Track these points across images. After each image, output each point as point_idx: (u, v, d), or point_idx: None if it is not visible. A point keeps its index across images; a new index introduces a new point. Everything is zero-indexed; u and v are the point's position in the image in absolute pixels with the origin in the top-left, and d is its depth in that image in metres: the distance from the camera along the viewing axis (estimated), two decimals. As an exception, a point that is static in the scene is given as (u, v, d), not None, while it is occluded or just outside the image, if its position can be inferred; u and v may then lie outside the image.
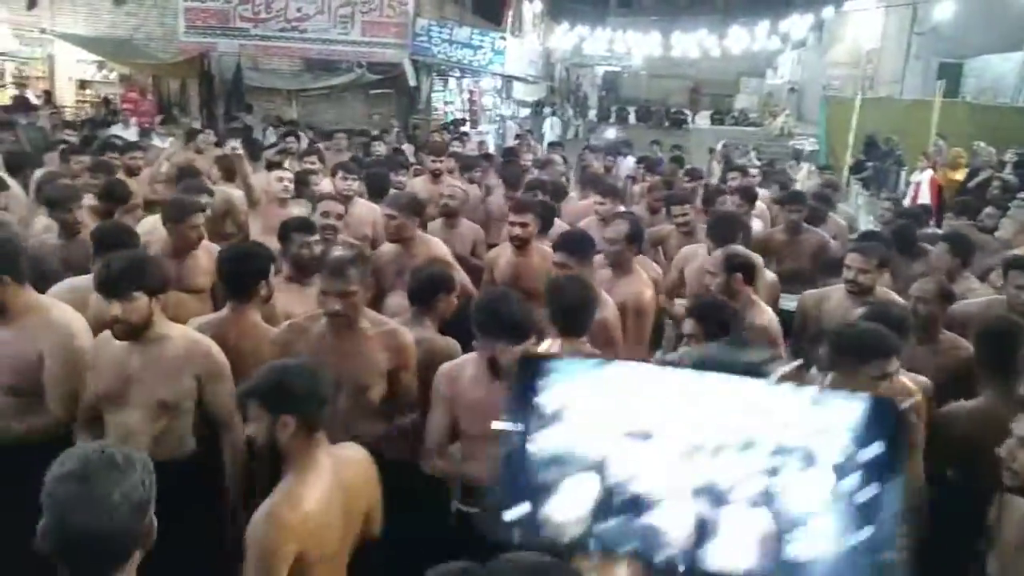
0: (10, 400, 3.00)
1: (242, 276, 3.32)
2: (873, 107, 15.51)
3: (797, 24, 25.02)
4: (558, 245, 4.08)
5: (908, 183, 11.95)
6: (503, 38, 18.46)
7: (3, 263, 2.94)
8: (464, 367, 2.98)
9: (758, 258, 4.85)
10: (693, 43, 28.32)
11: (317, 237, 3.97)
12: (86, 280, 3.40)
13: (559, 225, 5.40)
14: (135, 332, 2.85)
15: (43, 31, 17.25)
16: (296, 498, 2.17)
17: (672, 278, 5.05)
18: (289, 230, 3.95)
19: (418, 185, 7.15)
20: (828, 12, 24.02)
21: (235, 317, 3.31)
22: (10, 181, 5.79)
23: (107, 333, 2.94)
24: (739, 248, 4.27)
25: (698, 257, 4.87)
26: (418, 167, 8.30)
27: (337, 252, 3.17)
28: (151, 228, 4.49)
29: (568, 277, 3.47)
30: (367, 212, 5.63)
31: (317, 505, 2.19)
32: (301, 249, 3.87)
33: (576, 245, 4.01)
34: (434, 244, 4.81)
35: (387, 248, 4.71)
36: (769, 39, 28.21)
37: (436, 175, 7.20)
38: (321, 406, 2.29)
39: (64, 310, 3.12)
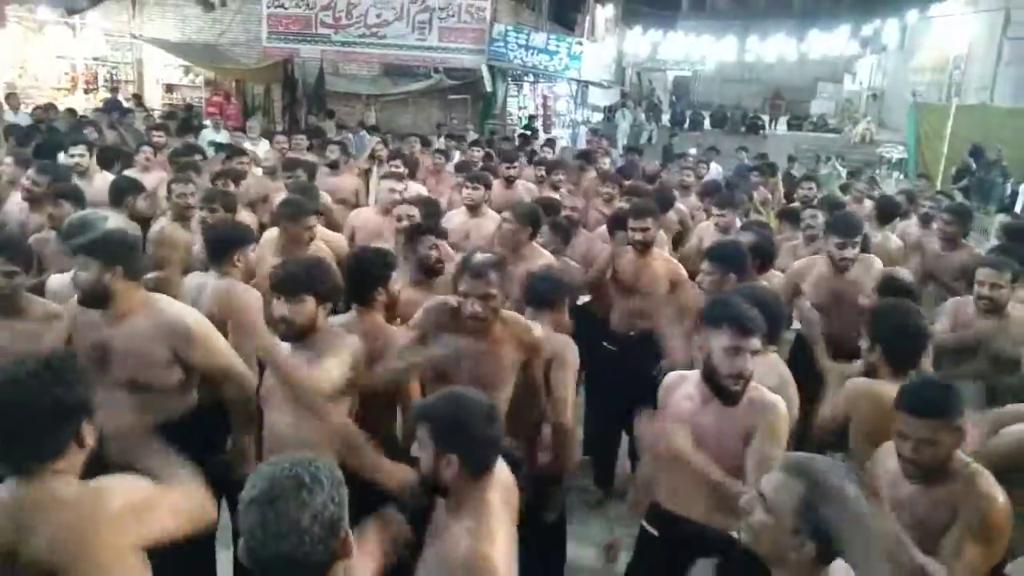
0: (128, 395, 2.97)
1: (361, 282, 3.34)
2: (967, 114, 14.93)
3: (879, 28, 24.38)
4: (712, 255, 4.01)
5: (1016, 194, 11.47)
6: (579, 43, 18.35)
7: (115, 253, 2.90)
8: (685, 381, 2.89)
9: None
10: (769, 47, 27.86)
11: (444, 241, 3.97)
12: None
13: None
14: (301, 333, 2.89)
15: (134, 36, 17.80)
16: (491, 536, 2.07)
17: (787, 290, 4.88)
18: (417, 233, 4.00)
19: (495, 191, 7.12)
20: (912, 16, 23.33)
21: (360, 319, 3.34)
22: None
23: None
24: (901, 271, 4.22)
25: (816, 266, 4.72)
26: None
27: (479, 256, 3.15)
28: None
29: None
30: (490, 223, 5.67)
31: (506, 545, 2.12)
32: (430, 250, 3.94)
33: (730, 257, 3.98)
34: (540, 252, 4.80)
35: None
36: (848, 44, 27.61)
37: (509, 181, 7.19)
38: (491, 449, 2.16)
39: (173, 303, 3.13)
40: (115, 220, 3.73)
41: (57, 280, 3.69)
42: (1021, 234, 5.79)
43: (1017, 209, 10.67)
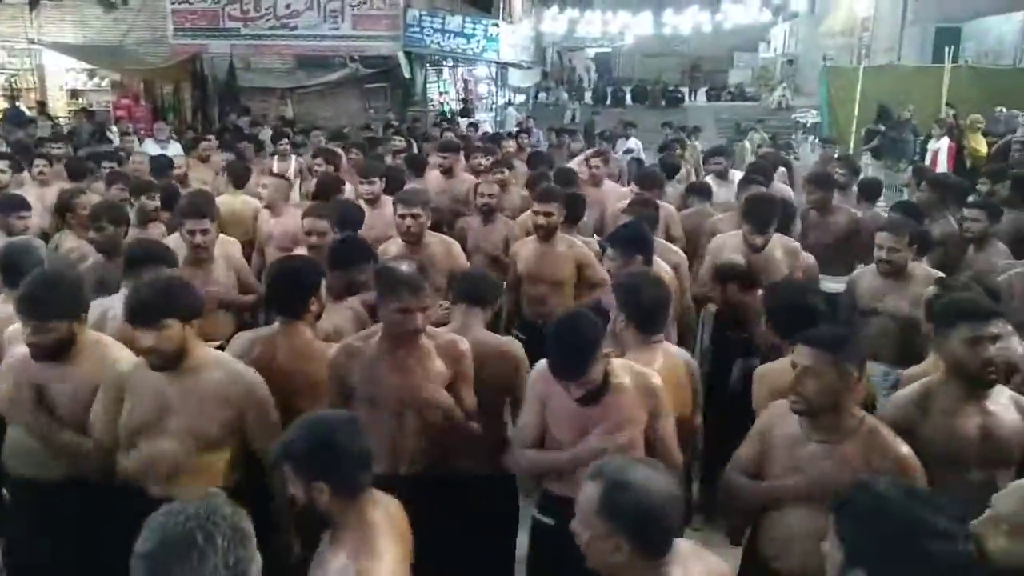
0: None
1: (292, 291, 3.14)
2: (875, 76, 15.32)
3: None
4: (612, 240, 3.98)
5: (925, 151, 11.79)
6: (496, 25, 18.23)
7: (79, 303, 2.87)
8: None
9: (794, 243, 4.74)
10: (685, 19, 28.12)
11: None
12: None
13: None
14: (170, 362, 2.72)
15: (31, 41, 17.03)
16: (374, 553, 2.00)
17: (706, 267, 4.90)
18: (354, 261, 3.77)
19: (432, 181, 7.02)
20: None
21: (284, 334, 3.13)
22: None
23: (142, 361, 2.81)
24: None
25: (728, 246, 4.73)
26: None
27: (404, 267, 2.98)
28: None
29: (642, 273, 3.40)
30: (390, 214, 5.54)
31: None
32: (361, 276, 3.71)
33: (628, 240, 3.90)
34: (451, 244, 4.73)
35: (396, 247, 4.54)
36: (761, 12, 28.05)
37: (446, 171, 7.06)
38: (359, 468, 2.08)
39: (114, 347, 3.00)
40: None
41: None
42: (934, 180, 5.93)
43: (926, 163, 10.98)
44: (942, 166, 10.52)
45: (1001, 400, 2.71)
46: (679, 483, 1.89)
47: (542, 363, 2.80)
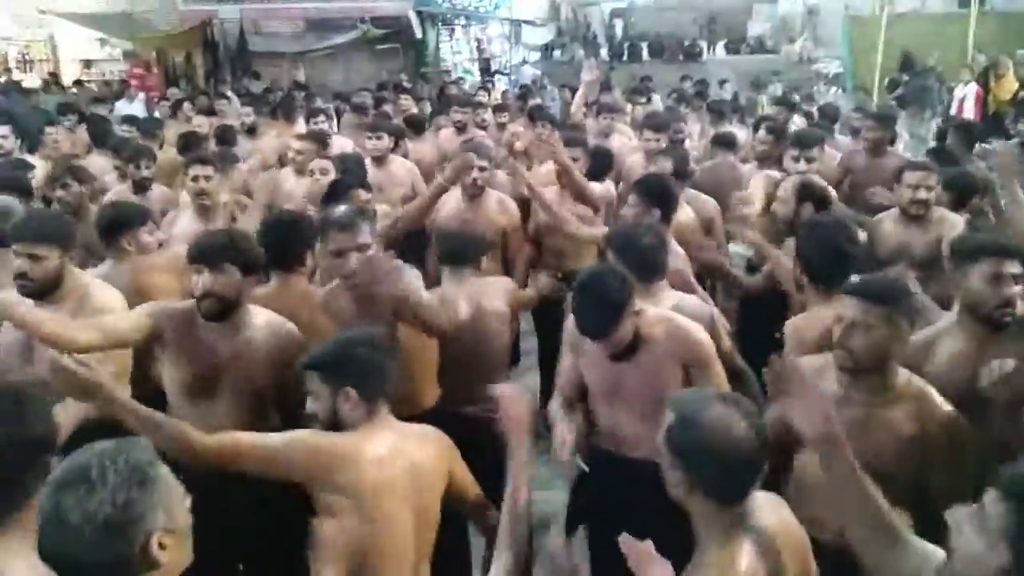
0: None
1: (287, 243, 3.15)
2: (900, 24, 14.86)
3: (810, -57, 24.07)
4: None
5: (951, 100, 11.48)
6: (508, -19, 17.93)
7: (70, 234, 2.98)
8: None
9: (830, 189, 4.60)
10: (702, -28, 27.42)
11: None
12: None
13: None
14: (225, 310, 2.70)
15: (42, 12, 16.92)
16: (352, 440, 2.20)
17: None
18: (337, 192, 3.86)
19: (444, 138, 6.97)
20: (842, -73, 23.08)
21: (282, 288, 3.15)
22: None
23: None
24: (813, 178, 4.05)
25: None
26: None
27: (340, 208, 2.98)
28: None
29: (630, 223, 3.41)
30: (404, 171, 5.47)
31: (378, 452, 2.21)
32: None
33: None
34: (507, 201, 4.71)
35: (455, 200, 4.55)
36: (781, -39, 27.26)
37: (460, 128, 6.99)
38: (384, 378, 2.26)
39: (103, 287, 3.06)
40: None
41: None
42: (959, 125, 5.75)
43: (952, 112, 10.70)
44: (968, 113, 10.25)
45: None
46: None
47: None
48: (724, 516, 1.73)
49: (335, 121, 8.16)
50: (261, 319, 2.81)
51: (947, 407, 2.32)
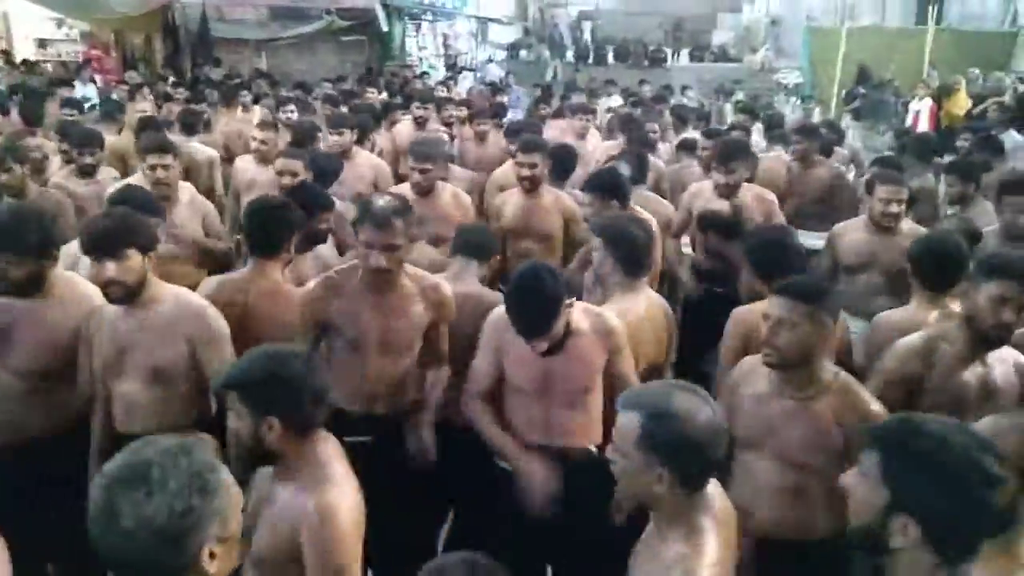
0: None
1: (270, 228, 3.09)
2: (859, 37, 15.17)
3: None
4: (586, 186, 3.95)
5: (906, 113, 11.76)
6: (476, -22, 17.92)
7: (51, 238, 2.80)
8: None
9: (769, 193, 4.69)
10: (669, -22, 27.70)
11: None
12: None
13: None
14: (130, 294, 2.65)
15: (-5, -13, 16.47)
16: (332, 483, 1.93)
17: (681, 217, 4.84)
18: (315, 207, 3.62)
19: (403, 132, 6.94)
20: (806, -59, 23.47)
21: (256, 275, 3.09)
22: None
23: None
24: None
25: (704, 193, 4.68)
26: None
27: (380, 202, 2.87)
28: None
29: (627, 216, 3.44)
30: (367, 166, 5.42)
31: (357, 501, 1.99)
32: (321, 225, 3.63)
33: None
34: (461, 196, 4.62)
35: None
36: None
37: (420, 123, 6.97)
38: (315, 405, 1.99)
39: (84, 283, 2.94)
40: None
41: None
42: (916, 137, 5.87)
43: (907, 125, 10.96)
44: (923, 126, 10.51)
45: (1002, 355, 2.70)
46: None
47: (499, 311, 2.75)
48: (692, 502, 1.76)
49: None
50: (169, 294, 2.78)
51: (872, 403, 2.41)
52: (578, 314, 2.71)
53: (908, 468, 1.51)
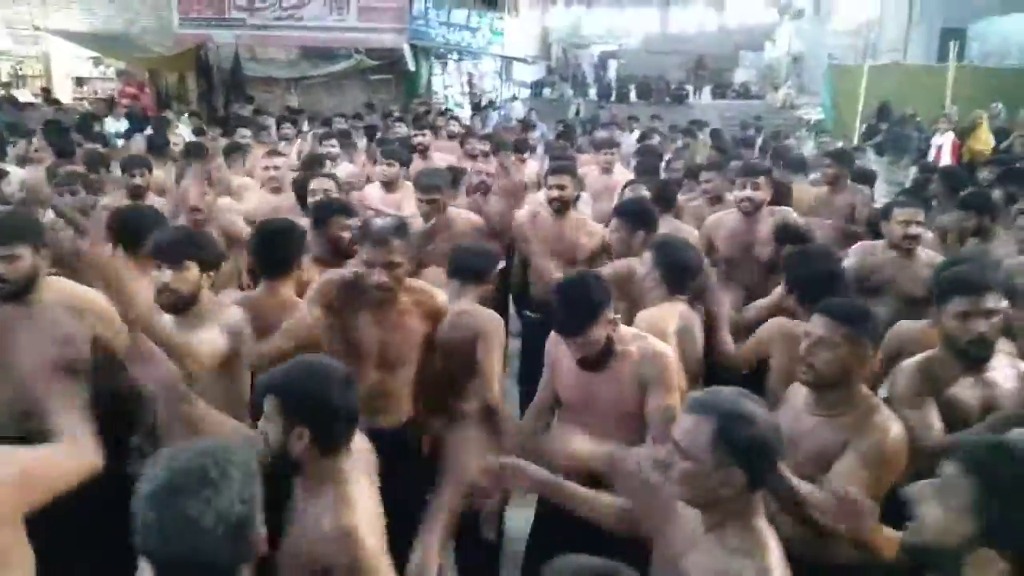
0: None
1: (278, 251, 3.20)
2: (880, 74, 15.31)
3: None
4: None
5: (928, 147, 11.82)
6: (500, 18, 18.28)
7: (39, 230, 2.92)
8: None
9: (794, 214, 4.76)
10: (690, 17, 28.14)
11: (357, 220, 3.83)
12: None
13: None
14: (182, 303, 2.78)
15: (36, 28, 17.05)
16: (352, 506, 1.97)
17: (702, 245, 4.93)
18: (329, 212, 3.77)
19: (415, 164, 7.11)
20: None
21: (268, 294, 3.19)
22: None
23: None
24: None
25: (725, 223, 4.76)
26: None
27: (379, 222, 3.01)
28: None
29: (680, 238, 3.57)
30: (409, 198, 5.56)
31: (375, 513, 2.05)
32: (340, 232, 3.70)
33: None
34: (476, 222, 4.70)
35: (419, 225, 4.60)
36: (766, 11, 28.04)
37: (422, 151, 7.15)
38: (346, 423, 2.01)
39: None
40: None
41: None
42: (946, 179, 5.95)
43: (929, 159, 11.01)
44: (945, 160, 10.54)
45: (1002, 368, 2.70)
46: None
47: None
48: (752, 503, 1.80)
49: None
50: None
51: (887, 424, 2.36)
52: (628, 338, 2.74)
53: (1009, 506, 1.43)
